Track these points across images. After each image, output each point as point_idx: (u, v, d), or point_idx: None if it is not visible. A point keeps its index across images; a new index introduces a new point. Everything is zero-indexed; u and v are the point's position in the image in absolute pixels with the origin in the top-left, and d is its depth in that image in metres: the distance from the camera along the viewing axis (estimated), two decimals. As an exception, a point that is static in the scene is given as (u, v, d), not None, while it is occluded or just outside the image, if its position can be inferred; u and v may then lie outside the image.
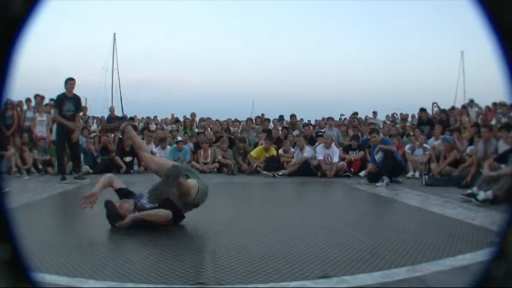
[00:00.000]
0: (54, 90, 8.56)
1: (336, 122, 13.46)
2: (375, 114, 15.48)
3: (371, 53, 63.96)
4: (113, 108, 16.84)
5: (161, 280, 2.67)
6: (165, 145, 11.14)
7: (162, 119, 16.01)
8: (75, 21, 69.15)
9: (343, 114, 15.05)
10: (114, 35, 38.82)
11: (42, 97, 11.96)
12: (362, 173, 9.71)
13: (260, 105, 39.61)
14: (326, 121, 13.25)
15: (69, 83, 8.36)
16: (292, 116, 13.63)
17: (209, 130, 12.70)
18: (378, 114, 15.49)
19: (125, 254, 3.30)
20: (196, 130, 13.08)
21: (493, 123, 10.28)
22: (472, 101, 14.10)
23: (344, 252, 3.30)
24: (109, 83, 35.96)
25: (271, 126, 13.48)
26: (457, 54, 38.13)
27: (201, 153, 10.98)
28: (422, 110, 12.61)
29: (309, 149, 10.44)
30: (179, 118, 15.41)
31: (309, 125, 13.95)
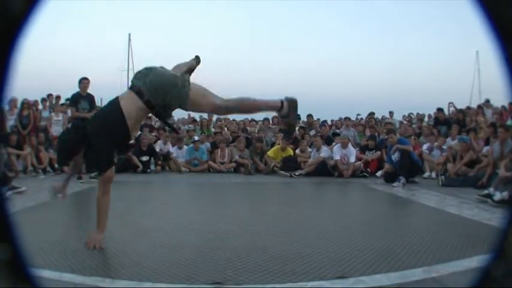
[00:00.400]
0: (71, 91, 8.68)
1: (352, 122, 13.42)
2: (391, 114, 15.40)
3: (383, 54, 63.24)
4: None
5: (179, 280, 2.72)
6: (181, 145, 11.25)
7: (179, 119, 16.12)
8: (92, 22, 70.21)
9: (359, 114, 14.96)
10: (129, 35, 39.46)
11: (58, 97, 12.16)
12: (379, 173, 9.69)
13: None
14: (343, 121, 13.24)
15: (83, 82, 8.52)
16: (309, 115, 13.59)
17: (226, 130, 12.78)
18: (394, 114, 15.42)
19: (141, 254, 3.30)
20: (213, 130, 13.17)
21: (510, 123, 10.13)
22: (488, 101, 13.92)
23: (361, 253, 3.35)
24: (124, 83, 36.38)
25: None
26: (473, 53, 37.68)
27: (218, 152, 11.06)
28: (440, 110, 12.50)
29: (326, 149, 10.44)
30: (196, 118, 15.52)
31: (325, 125, 13.93)
